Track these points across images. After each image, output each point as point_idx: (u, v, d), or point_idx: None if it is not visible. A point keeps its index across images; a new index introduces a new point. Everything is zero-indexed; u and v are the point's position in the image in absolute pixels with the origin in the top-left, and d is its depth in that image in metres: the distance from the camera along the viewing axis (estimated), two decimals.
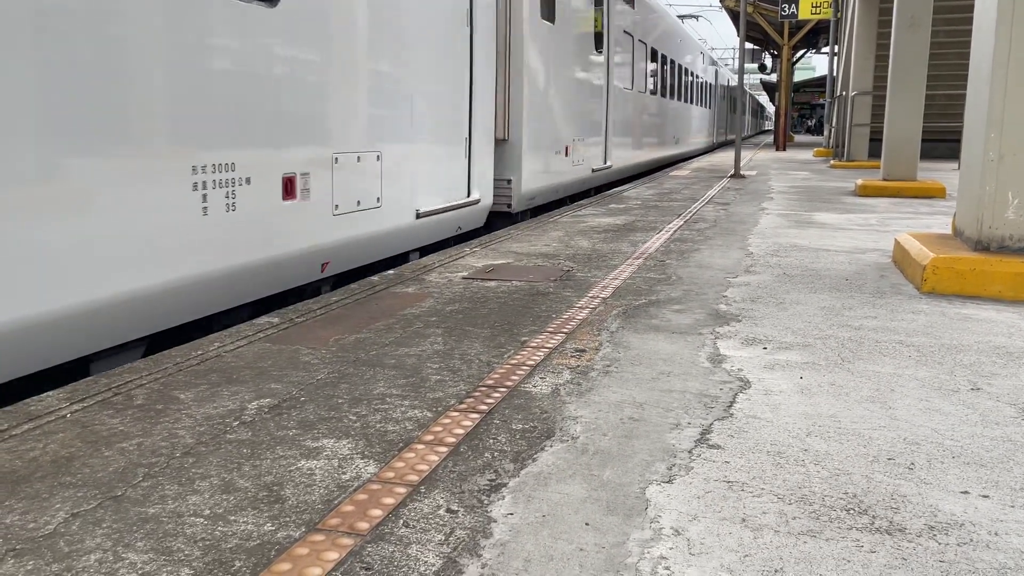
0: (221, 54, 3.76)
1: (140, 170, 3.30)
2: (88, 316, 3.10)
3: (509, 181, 7.98)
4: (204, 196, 3.65)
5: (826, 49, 26.63)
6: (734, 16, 27.21)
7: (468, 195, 6.93)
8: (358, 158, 5.04)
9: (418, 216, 5.92)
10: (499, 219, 8.05)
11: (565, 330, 3.53)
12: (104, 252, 3.16)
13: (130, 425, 2.38)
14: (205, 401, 2.59)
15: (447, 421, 2.44)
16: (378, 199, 5.33)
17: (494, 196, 7.69)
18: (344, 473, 2.07)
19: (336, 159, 4.79)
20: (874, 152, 15.00)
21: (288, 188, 4.32)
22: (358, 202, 5.08)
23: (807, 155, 22.58)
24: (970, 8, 5.28)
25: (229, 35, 3.79)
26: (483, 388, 2.75)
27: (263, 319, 3.68)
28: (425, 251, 6.53)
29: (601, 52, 11.15)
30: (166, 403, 2.57)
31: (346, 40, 4.86)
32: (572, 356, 3.15)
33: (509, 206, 8.03)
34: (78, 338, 3.11)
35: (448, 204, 6.46)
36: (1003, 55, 4.22)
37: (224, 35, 3.76)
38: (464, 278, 4.72)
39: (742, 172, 13.98)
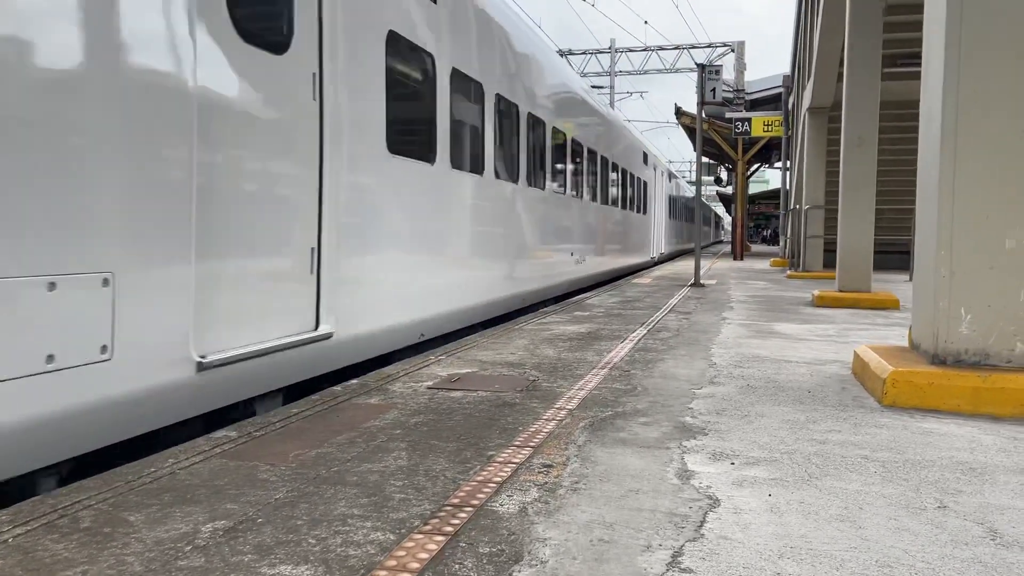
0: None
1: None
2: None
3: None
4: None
5: (779, 164, 27.80)
6: (690, 132, 28.39)
7: (652, 255, 23.42)
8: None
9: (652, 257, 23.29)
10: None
11: (532, 444, 3.48)
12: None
13: (75, 551, 2.26)
14: (156, 523, 2.48)
15: (411, 544, 2.35)
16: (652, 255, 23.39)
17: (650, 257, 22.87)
18: None
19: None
20: (829, 262, 15.46)
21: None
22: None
23: (764, 264, 23.17)
24: (914, 128, 5.58)
25: None
26: (448, 507, 2.67)
27: (220, 433, 3.57)
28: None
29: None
30: (114, 526, 2.45)
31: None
32: (539, 472, 3.09)
33: (655, 260, 23.98)
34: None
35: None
36: (948, 178, 4.43)
37: None
38: (429, 388, 4.67)
39: (702, 281, 14.26)
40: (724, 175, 42.04)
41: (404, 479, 2.97)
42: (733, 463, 3.27)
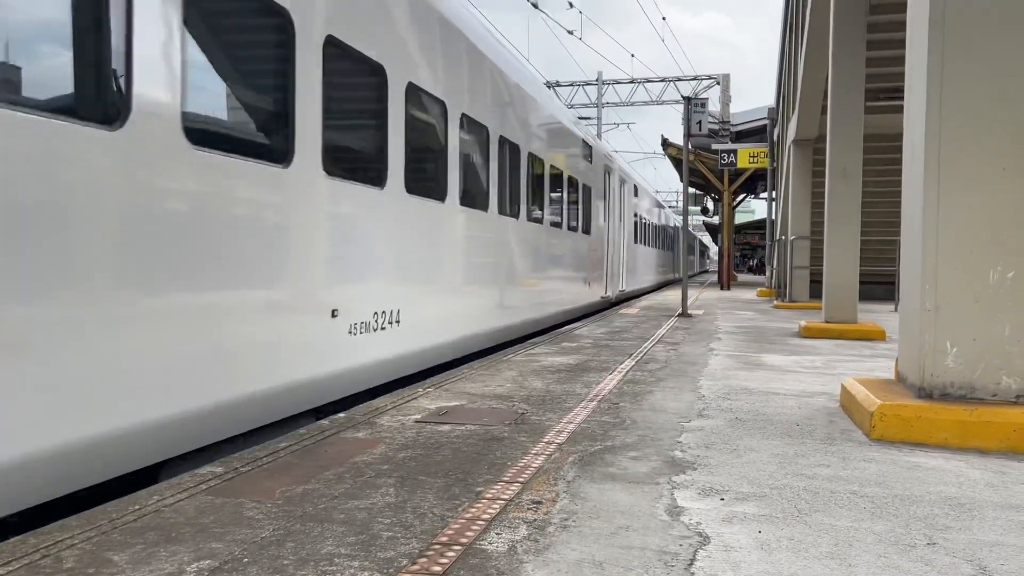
0: None
1: None
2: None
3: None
4: None
5: (765, 194, 28.06)
6: (677, 163, 28.64)
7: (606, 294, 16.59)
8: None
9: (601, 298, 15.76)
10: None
11: (521, 479, 3.46)
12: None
13: None
14: (140, 563, 2.44)
15: None
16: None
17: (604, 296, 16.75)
18: None
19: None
20: (815, 293, 15.54)
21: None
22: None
23: (751, 294, 23.28)
24: (897, 161, 5.65)
25: None
26: (437, 546, 2.64)
27: (205, 469, 3.53)
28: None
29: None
30: (98, 566, 2.41)
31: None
32: (529, 508, 3.07)
33: (612, 300, 17.51)
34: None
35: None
36: (932, 212, 4.48)
37: None
38: (417, 421, 4.64)
39: (689, 311, 14.30)
40: (711, 205, 42.37)
41: (392, 516, 2.95)
42: (723, 499, 3.26)
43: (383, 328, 6.15)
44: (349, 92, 5.83)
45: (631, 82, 32.93)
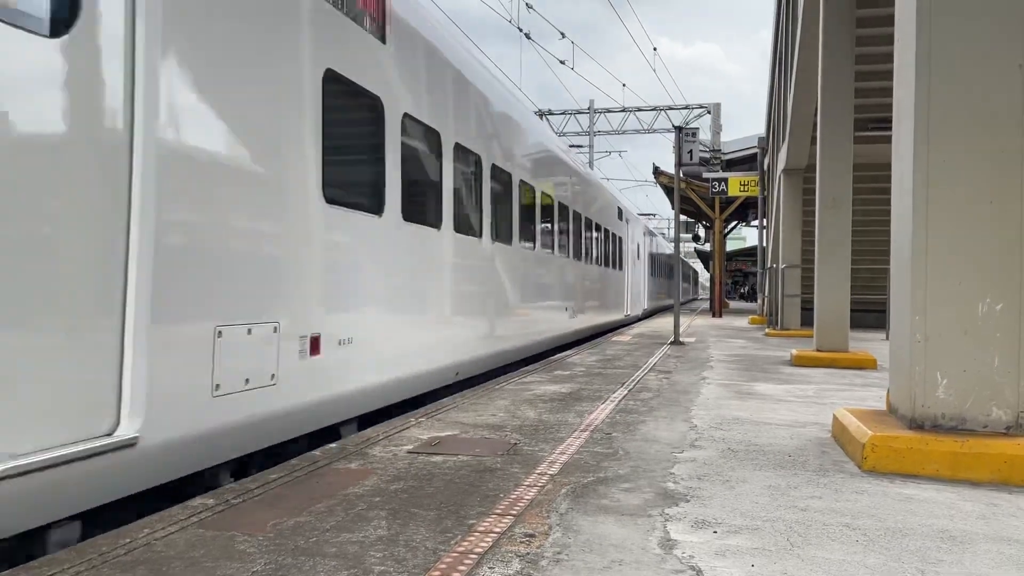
0: None
1: None
2: None
3: None
4: None
5: (756, 222, 28.23)
6: (668, 191, 28.84)
7: None
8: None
9: None
10: None
11: (514, 512, 3.45)
12: None
13: None
14: None
15: None
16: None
17: None
18: None
19: None
20: (806, 320, 15.60)
21: None
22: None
23: (743, 322, 23.33)
24: (886, 190, 5.71)
25: None
26: None
27: (197, 501, 3.51)
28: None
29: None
30: None
31: None
32: (521, 542, 3.06)
33: None
34: None
35: None
36: (921, 243, 4.53)
37: None
38: (409, 452, 4.63)
39: (681, 339, 14.32)
40: (702, 233, 42.62)
41: (384, 550, 2.93)
42: (715, 531, 3.26)
43: None
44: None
45: (623, 111, 33.23)
